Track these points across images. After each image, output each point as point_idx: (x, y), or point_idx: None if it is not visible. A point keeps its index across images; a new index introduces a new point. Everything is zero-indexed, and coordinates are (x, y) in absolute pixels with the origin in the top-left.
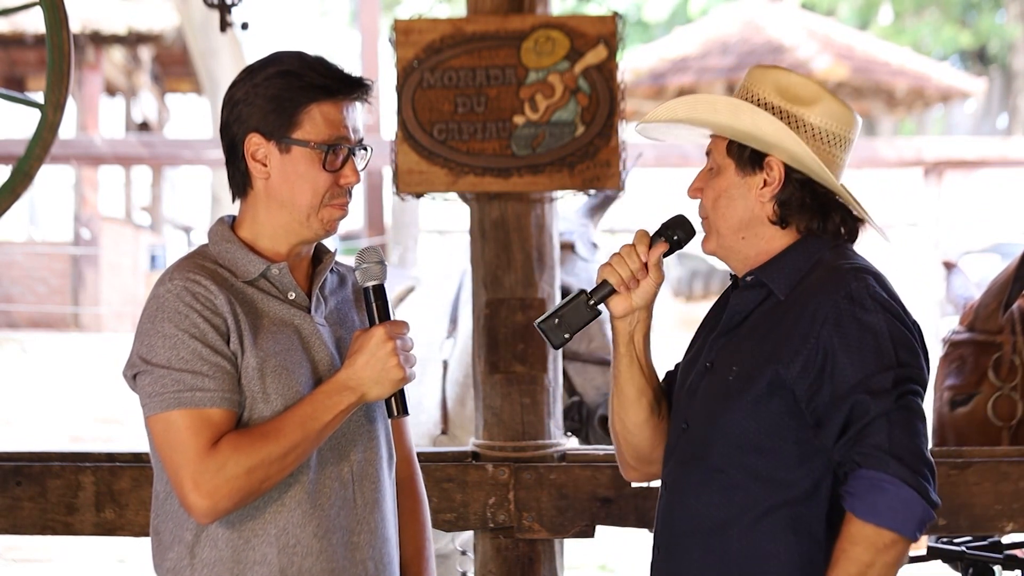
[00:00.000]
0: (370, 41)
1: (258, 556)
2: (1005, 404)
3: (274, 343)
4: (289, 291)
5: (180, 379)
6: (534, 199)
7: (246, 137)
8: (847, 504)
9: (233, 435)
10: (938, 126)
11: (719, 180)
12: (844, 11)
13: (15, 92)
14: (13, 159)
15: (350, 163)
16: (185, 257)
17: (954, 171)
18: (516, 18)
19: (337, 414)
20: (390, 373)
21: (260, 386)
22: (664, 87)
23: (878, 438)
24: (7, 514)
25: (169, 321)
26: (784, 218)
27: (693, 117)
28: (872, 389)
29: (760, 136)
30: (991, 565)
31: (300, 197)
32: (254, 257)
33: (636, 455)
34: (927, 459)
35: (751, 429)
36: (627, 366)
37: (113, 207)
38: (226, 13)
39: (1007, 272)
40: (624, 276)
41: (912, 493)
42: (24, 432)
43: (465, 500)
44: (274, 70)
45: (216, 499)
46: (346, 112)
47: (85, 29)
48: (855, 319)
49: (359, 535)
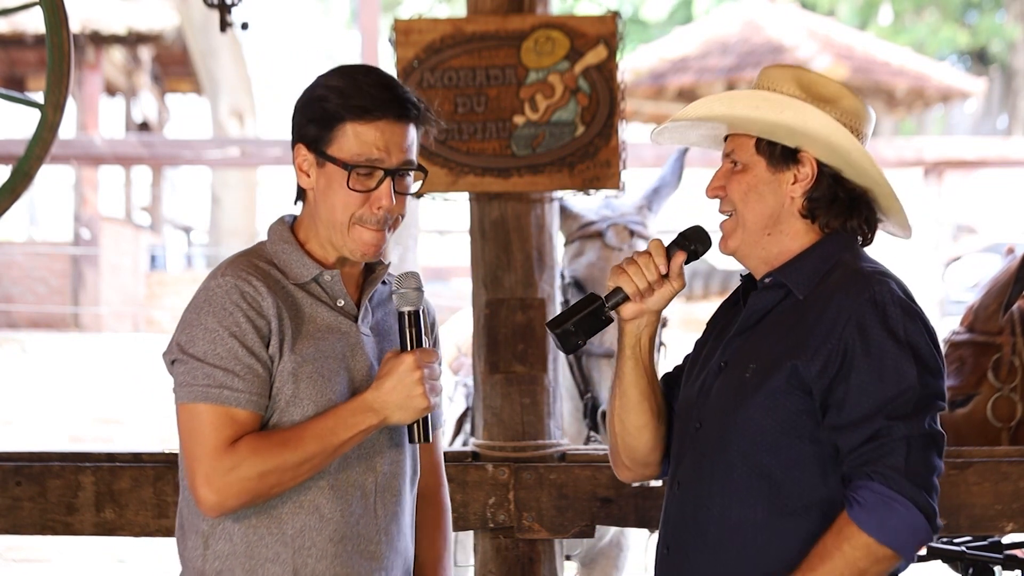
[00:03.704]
0: (370, 41)
1: (271, 554)
2: (1004, 405)
3: (315, 349)
4: (339, 298)
5: (211, 374)
6: (534, 199)
7: (295, 146)
8: (852, 513)
9: (253, 437)
10: (938, 126)
11: (747, 177)
12: (844, 11)
13: (15, 92)
14: (13, 159)
15: (385, 186)
16: (241, 253)
17: (954, 171)
18: (516, 18)
19: (357, 433)
20: (415, 401)
21: (293, 389)
22: (664, 87)
23: (895, 459)
24: (7, 514)
25: (213, 316)
26: (813, 213)
27: (733, 114)
28: (894, 412)
29: (806, 130)
30: (991, 565)
31: (333, 213)
32: (308, 261)
33: (633, 457)
34: (936, 485)
35: (767, 426)
36: (632, 368)
37: (113, 207)
38: (226, 13)
39: (1007, 273)
40: (641, 287)
41: (921, 519)
42: (24, 432)
43: (465, 500)
44: (328, 82)
45: (224, 496)
46: (385, 134)
47: (85, 29)
48: (878, 324)
49: (376, 545)
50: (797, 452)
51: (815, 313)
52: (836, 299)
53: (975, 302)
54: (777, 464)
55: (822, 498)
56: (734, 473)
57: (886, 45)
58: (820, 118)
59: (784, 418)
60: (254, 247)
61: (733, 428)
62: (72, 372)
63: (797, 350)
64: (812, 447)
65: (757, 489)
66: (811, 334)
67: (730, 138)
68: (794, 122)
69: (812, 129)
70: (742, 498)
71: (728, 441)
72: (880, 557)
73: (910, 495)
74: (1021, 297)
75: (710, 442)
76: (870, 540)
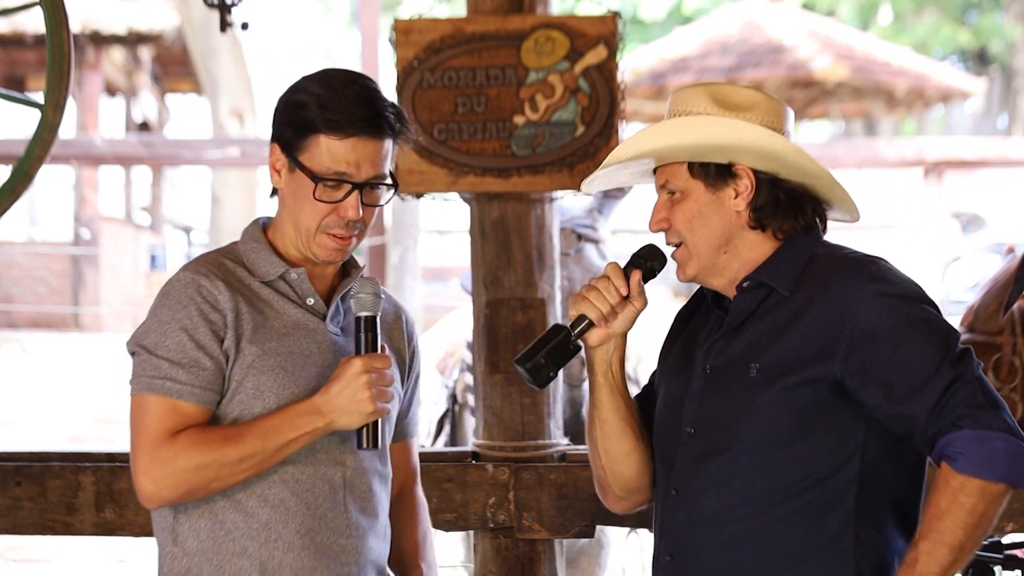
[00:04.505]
0: (370, 41)
1: (238, 548)
2: None
3: (278, 343)
4: (308, 297)
5: (158, 366)
6: (534, 199)
7: (271, 145)
8: (958, 466)
9: (194, 430)
10: (938, 126)
11: (688, 204)
12: (844, 11)
13: (15, 92)
14: (13, 159)
15: (352, 199)
16: (211, 251)
17: (954, 171)
18: (516, 18)
19: (302, 435)
20: (361, 405)
21: (255, 382)
22: (664, 87)
23: (975, 398)
24: (7, 514)
25: (168, 309)
26: (761, 222)
27: (660, 146)
28: (953, 361)
29: (739, 144)
30: (991, 565)
31: (300, 217)
32: (275, 259)
33: (624, 485)
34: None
35: (783, 422)
36: (608, 395)
37: (113, 207)
38: (226, 13)
39: (1007, 273)
40: (604, 311)
41: (1021, 443)
42: (24, 432)
43: (465, 500)
44: (310, 88)
45: (160, 487)
46: (357, 149)
47: (85, 29)
48: (890, 296)
49: (347, 539)
50: (813, 445)
51: (817, 305)
52: (836, 288)
53: (975, 302)
54: (793, 459)
55: (839, 490)
56: (746, 473)
57: (886, 45)
58: (749, 129)
59: (799, 413)
60: (227, 246)
61: (743, 429)
62: (72, 372)
63: (809, 344)
64: (827, 438)
65: (771, 486)
66: (821, 326)
67: (660, 170)
68: (725, 139)
69: (745, 142)
70: (755, 497)
71: (737, 442)
72: (996, 495)
73: (1001, 427)
74: (1021, 297)
75: (713, 446)
76: (983, 483)
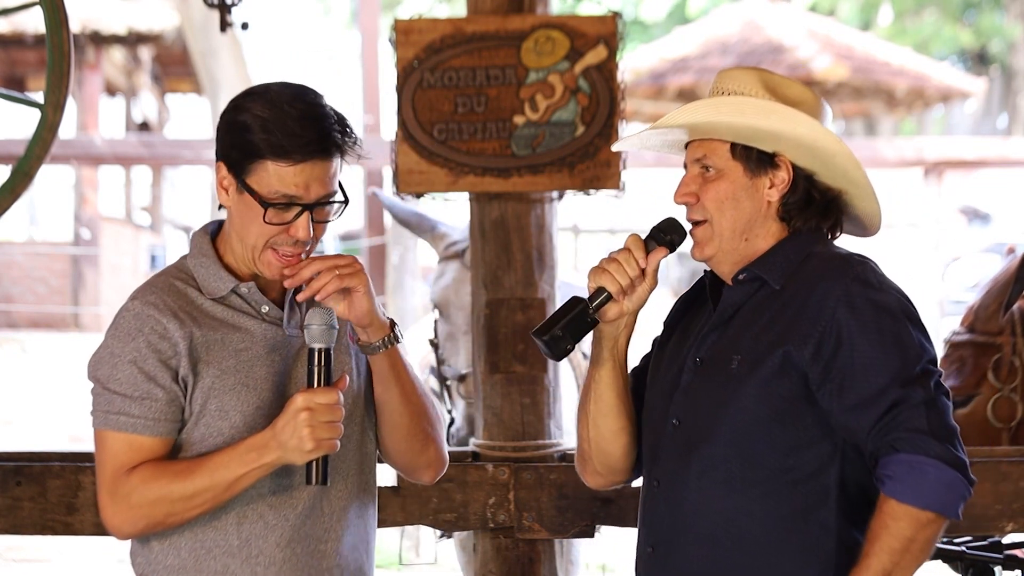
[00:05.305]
0: (370, 41)
1: (219, 566)
2: (1005, 405)
3: (235, 360)
4: (262, 305)
5: (111, 400)
6: (534, 199)
7: (217, 163)
8: (887, 489)
9: (149, 465)
10: (938, 126)
11: (722, 184)
12: (844, 11)
13: (15, 92)
14: (13, 159)
15: (303, 219)
16: (159, 273)
17: (954, 171)
18: (516, 18)
19: (253, 469)
20: (301, 443)
21: (217, 403)
22: (664, 87)
23: (917, 423)
24: (7, 514)
25: (118, 340)
26: (788, 215)
27: (719, 120)
28: (906, 380)
29: (794, 135)
30: (991, 565)
31: (248, 235)
32: (224, 275)
33: (606, 463)
34: (959, 439)
35: (761, 415)
36: (609, 371)
37: (113, 207)
38: (226, 13)
39: (1007, 273)
40: (624, 284)
41: (954, 474)
42: (24, 432)
43: (465, 500)
44: (253, 110)
45: (121, 522)
46: (305, 171)
47: (85, 29)
48: (869, 300)
49: (326, 543)
50: (793, 438)
51: (800, 299)
52: (820, 284)
53: (975, 302)
54: (770, 452)
55: (819, 484)
56: (723, 464)
57: (886, 45)
58: (807, 123)
59: (778, 405)
60: (176, 262)
61: (723, 421)
62: (72, 372)
63: (786, 337)
64: (804, 432)
65: (751, 479)
66: (799, 319)
67: (698, 143)
68: (781, 127)
69: (800, 134)
70: (736, 489)
71: (718, 434)
72: (925, 523)
73: (938, 454)
74: (1021, 297)
75: (695, 437)
76: (911, 509)
